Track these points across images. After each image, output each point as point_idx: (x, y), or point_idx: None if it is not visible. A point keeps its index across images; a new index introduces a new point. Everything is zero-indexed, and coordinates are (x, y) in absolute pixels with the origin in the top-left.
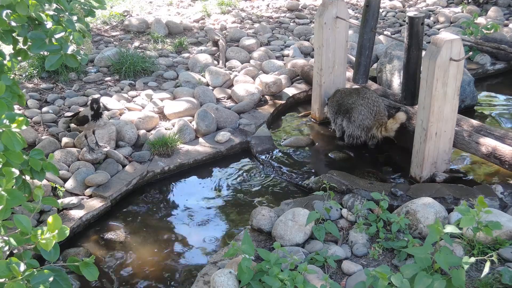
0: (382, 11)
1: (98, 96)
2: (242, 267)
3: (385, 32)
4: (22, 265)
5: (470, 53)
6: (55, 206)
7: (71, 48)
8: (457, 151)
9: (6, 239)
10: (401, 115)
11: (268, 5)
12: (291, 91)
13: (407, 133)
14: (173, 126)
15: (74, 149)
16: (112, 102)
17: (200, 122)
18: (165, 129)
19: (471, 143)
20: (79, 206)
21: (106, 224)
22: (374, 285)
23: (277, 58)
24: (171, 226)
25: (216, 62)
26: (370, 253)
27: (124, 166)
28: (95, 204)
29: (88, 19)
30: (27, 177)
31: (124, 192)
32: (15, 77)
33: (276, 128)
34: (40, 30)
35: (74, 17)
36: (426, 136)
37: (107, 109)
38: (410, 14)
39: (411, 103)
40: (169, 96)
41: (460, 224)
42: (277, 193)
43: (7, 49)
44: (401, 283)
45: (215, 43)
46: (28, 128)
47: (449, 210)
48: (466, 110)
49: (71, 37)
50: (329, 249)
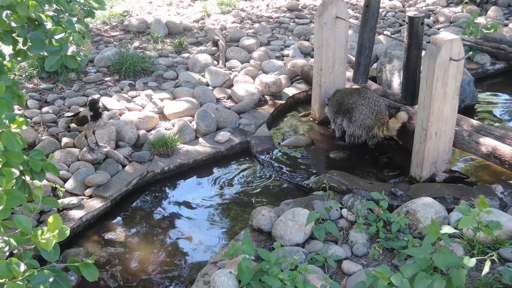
0: (382, 11)
1: (98, 97)
2: (242, 267)
3: (385, 32)
4: (22, 266)
5: (470, 53)
6: (55, 206)
7: (71, 49)
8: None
9: (6, 239)
10: (403, 115)
11: (268, 5)
12: (291, 91)
13: (407, 133)
14: (173, 126)
15: (74, 149)
16: (112, 102)
17: (200, 122)
18: (165, 129)
19: (471, 143)
20: (79, 206)
21: (106, 224)
22: (374, 285)
23: (277, 58)
24: (171, 226)
25: (216, 62)
26: (370, 253)
27: (124, 166)
28: (95, 204)
29: (88, 19)
30: (27, 178)
31: (124, 192)
32: (15, 78)
33: (276, 128)
34: (40, 31)
35: (74, 18)
36: (426, 136)
37: (107, 109)
38: (410, 14)
39: (411, 103)
40: (169, 96)
41: (461, 224)
42: (277, 193)
43: (7, 50)
44: (401, 283)
45: (215, 43)
46: (28, 128)
47: (449, 210)
48: (466, 110)
49: (71, 38)
50: (329, 249)
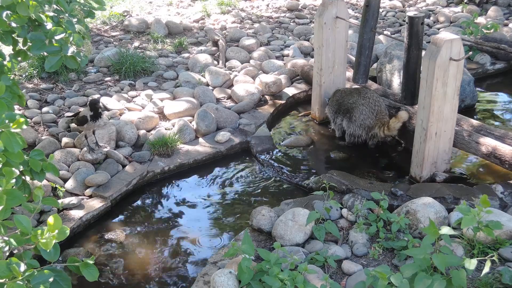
0: (382, 11)
1: (98, 97)
2: (242, 267)
3: (385, 32)
4: (22, 265)
5: (470, 53)
6: (55, 206)
7: (71, 50)
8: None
9: (6, 239)
10: (403, 114)
11: (268, 5)
12: (291, 91)
13: (407, 133)
14: (173, 126)
15: (74, 149)
16: (112, 102)
17: (200, 122)
18: (165, 129)
19: (471, 143)
20: (79, 206)
21: (106, 224)
22: (374, 285)
23: (277, 58)
24: (171, 226)
25: (216, 62)
26: (370, 253)
27: (124, 166)
28: (95, 204)
29: (88, 20)
30: (27, 178)
31: (124, 192)
32: (15, 78)
33: (276, 128)
34: (40, 31)
35: (74, 19)
36: (426, 136)
37: (107, 109)
38: (410, 14)
39: (411, 103)
40: (169, 96)
41: (462, 224)
42: (277, 193)
43: (7, 50)
44: (401, 283)
45: (215, 43)
46: (28, 128)
47: (449, 210)
48: (466, 110)
49: (71, 39)
50: (329, 249)
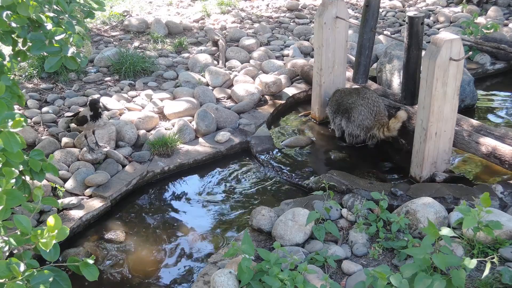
0: (382, 11)
1: (98, 97)
2: (242, 267)
3: (385, 32)
4: (22, 265)
5: (470, 53)
6: (55, 206)
7: (71, 50)
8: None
9: (6, 239)
10: (402, 114)
11: (268, 5)
12: (291, 91)
13: (407, 133)
14: (173, 126)
15: (74, 149)
16: (112, 102)
17: (200, 122)
18: (165, 129)
19: (471, 143)
20: (79, 206)
21: (106, 224)
22: (374, 285)
23: (277, 58)
24: (171, 226)
25: (216, 62)
26: (370, 253)
27: (124, 166)
28: (95, 204)
29: (88, 20)
30: (27, 178)
31: (124, 192)
32: (15, 78)
33: (276, 128)
34: (40, 32)
35: (74, 21)
36: (426, 136)
37: (107, 109)
38: (410, 14)
39: (411, 103)
40: (169, 96)
41: (463, 225)
42: (277, 193)
43: (7, 50)
44: (400, 283)
45: (215, 43)
46: (28, 128)
47: (449, 210)
48: (466, 110)
49: (71, 39)
50: (329, 249)
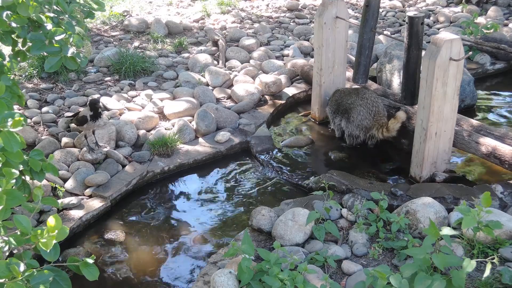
0: (382, 11)
1: (98, 97)
2: (242, 267)
3: (385, 32)
4: (22, 265)
5: (470, 53)
6: (55, 206)
7: (71, 51)
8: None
9: (6, 239)
10: (401, 114)
11: (268, 5)
12: (291, 91)
13: (407, 133)
14: (173, 126)
15: (74, 149)
16: (112, 102)
17: (200, 122)
18: (165, 129)
19: (471, 143)
20: (79, 206)
21: (106, 224)
22: (374, 285)
23: (277, 58)
24: (171, 226)
25: (216, 62)
26: (370, 253)
27: (124, 166)
28: (95, 204)
29: (88, 20)
30: (27, 178)
31: (124, 192)
32: (15, 78)
33: (276, 128)
34: (40, 32)
35: (74, 22)
36: (426, 136)
37: (107, 109)
38: (410, 14)
39: (411, 103)
40: (169, 96)
41: (462, 225)
42: (277, 193)
43: (7, 50)
44: (400, 283)
45: (215, 43)
46: (28, 128)
47: (449, 210)
48: (466, 110)
49: (71, 40)
50: (329, 249)
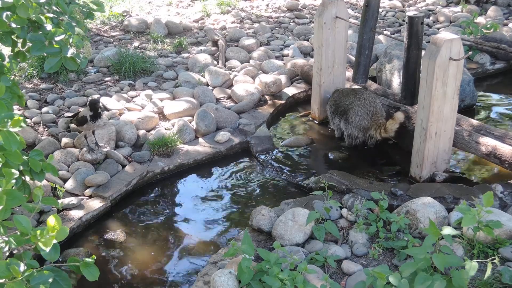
0: (382, 11)
1: (98, 97)
2: (242, 267)
3: (385, 32)
4: (22, 266)
5: (470, 53)
6: (55, 206)
7: (71, 51)
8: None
9: (6, 239)
10: (400, 115)
11: (268, 5)
12: (291, 91)
13: (407, 133)
14: (173, 126)
15: (74, 149)
16: (112, 102)
17: (200, 122)
18: (165, 129)
19: (471, 143)
20: (79, 207)
21: (106, 224)
22: (374, 285)
23: (277, 58)
24: (171, 226)
25: (216, 62)
26: (370, 253)
27: (124, 166)
28: (95, 205)
29: (88, 20)
30: (27, 178)
31: (124, 192)
32: (15, 78)
33: (276, 128)
34: (40, 33)
35: (74, 23)
36: (426, 136)
37: (107, 109)
38: (410, 14)
39: (411, 103)
40: (169, 96)
41: (462, 224)
42: (277, 193)
43: (6, 50)
44: (399, 283)
45: (215, 43)
46: (28, 129)
47: (449, 210)
48: (466, 110)
49: (71, 40)
50: (329, 249)
